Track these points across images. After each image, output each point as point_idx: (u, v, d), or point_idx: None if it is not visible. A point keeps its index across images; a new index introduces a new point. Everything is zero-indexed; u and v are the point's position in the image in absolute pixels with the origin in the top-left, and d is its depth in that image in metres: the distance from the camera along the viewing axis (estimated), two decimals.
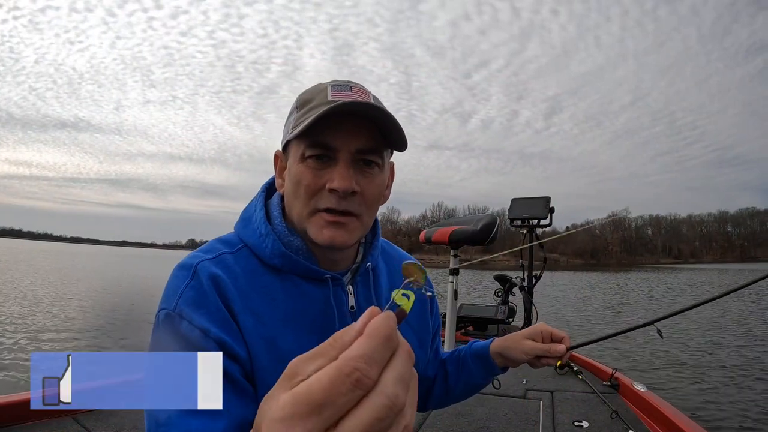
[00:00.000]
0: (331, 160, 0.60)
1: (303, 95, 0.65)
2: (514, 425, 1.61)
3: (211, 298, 0.57)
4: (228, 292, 0.58)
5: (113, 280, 18.39)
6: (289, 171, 0.63)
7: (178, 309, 0.56)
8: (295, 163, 0.61)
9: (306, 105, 0.62)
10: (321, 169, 0.60)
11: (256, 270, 0.62)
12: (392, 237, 21.13)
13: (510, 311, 3.45)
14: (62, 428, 1.32)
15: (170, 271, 0.61)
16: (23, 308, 9.08)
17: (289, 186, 0.63)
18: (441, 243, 2.13)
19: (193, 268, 0.59)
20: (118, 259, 47.44)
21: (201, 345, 0.55)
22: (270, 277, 0.62)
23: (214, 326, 0.56)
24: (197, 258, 0.60)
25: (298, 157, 0.61)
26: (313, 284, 0.64)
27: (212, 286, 0.58)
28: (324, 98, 0.61)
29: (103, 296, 12.58)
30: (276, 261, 0.62)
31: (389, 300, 0.29)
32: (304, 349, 0.63)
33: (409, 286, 0.32)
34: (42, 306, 9.50)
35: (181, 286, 0.58)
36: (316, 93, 0.63)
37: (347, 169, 0.60)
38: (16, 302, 9.83)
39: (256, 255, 0.63)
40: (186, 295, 0.57)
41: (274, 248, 0.62)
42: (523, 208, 3.36)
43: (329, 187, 0.59)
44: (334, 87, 0.62)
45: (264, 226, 0.64)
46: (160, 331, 0.57)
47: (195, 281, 0.58)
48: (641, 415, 1.65)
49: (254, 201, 0.68)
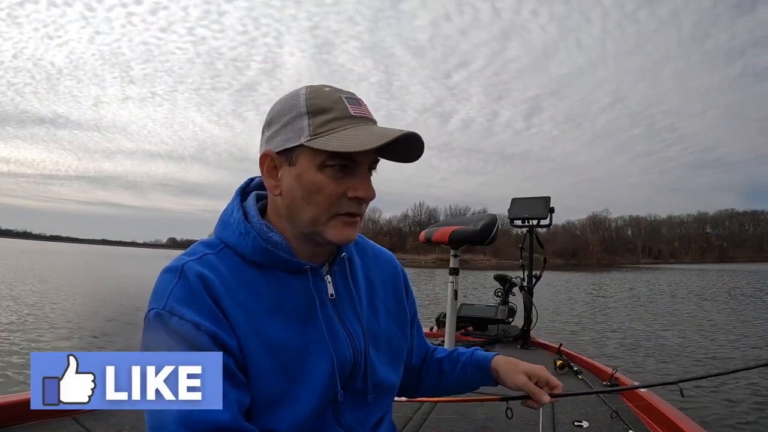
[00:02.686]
0: (349, 169, 0.63)
1: (313, 100, 0.64)
2: (514, 425, 1.61)
3: (200, 295, 0.60)
4: (215, 288, 0.61)
5: (104, 279, 18.37)
6: (300, 177, 0.63)
7: (168, 307, 0.59)
8: (311, 171, 0.63)
9: (322, 113, 0.62)
10: (340, 178, 0.63)
11: (240, 267, 0.65)
12: (374, 236, 21.88)
13: (510, 311, 3.45)
14: (62, 428, 1.32)
15: (156, 270, 0.64)
16: (19, 307, 9.08)
17: (299, 191, 0.64)
18: (441, 243, 2.14)
19: (180, 270, 0.61)
20: (101, 259, 46.64)
21: (193, 338, 0.58)
22: (253, 273, 0.65)
23: (205, 320, 0.58)
24: (182, 260, 0.63)
25: (315, 164, 0.62)
26: (294, 276, 0.67)
27: (200, 283, 0.60)
28: (345, 111, 0.63)
29: (95, 296, 12.56)
30: (257, 257, 0.65)
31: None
32: (289, 335, 0.65)
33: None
34: (34, 306, 9.50)
35: (170, 286, 0.60)
36: (331, 102, 0.63)
37: (368, 179, 0.65)
38: (9, 301, 9.84)
39: (238, 253, 0.66)
40: (175, 294, 0.59)
41: (254, 245, 0.65)
42: (523, 208, 3.36)
43: (353, 195, 0.64)
44: (349, 100, 0.64)
45: (243, 225, 0.66)
46: (150, 330, 0.59)
47: (182, 281, 0.60)
48: (641, 415, 1.65)
49: (231, 204, 0.71)
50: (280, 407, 0.62)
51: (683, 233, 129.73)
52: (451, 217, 3.35)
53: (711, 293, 18.40)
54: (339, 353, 0.67)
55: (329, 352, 0.65)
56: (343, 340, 0.68)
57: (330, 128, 0.62)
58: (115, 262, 37.57)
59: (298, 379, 0.63)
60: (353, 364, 0.68)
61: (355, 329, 0.70)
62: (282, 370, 0.62)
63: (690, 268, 65.53)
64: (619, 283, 25.89)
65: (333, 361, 0.65)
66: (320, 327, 0.66)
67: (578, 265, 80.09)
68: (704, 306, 13.59)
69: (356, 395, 0.70)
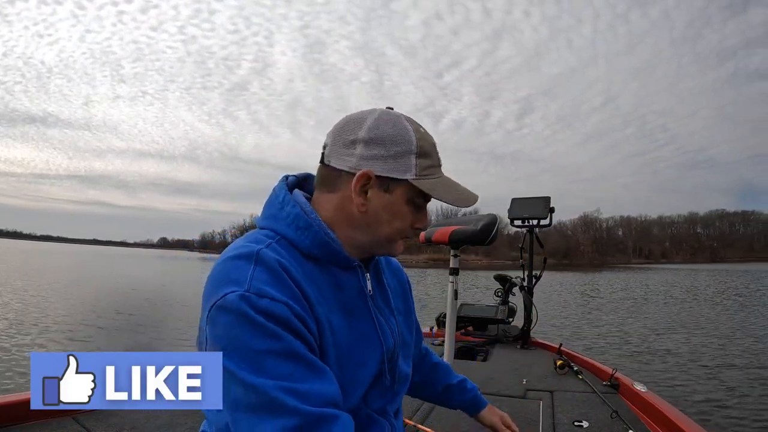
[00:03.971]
0: (422, 206, 0.74)
1: (420, 142, 0.70)
2: None
3: (283, 278, 0.61)
4: (294, 273, 0.63)
5: (104, 280, 18.36)
6: (391, 205, 0.70)
7: (254, 288, 0.58)
8: (400, 202, 0.71)
9: (426, 157, 0.71)
10: (416, 213, 0.73)
11: (299, 258, 0.68)
12: None
13: (510, 311, 3.45)
14: (62, 428, 1.32)
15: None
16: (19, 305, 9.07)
17: (384, 215, 0.71)
18: (441, 243, 2.13)
19: (255, 255, 0.62)
20: (98, 259, 46.39)
21: (287, 319, 0.58)
22: (310, 265, 0.68)
23: (293, 302, 0.60)
24: (253, 247, 0.64)
25: (405, 198, 0.70)
26: (346, 271, 0.72)
27: (280, 268, 0.62)
28: (437, 160, 0.73)
29: (95, 296, 12.56)
30: (315, 250, 0.68)
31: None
32: (348, 328, 0.70)
33: None
34: (35, 306, 9.49)
35: (248, 270, 0.60)
36: (430, 147, 0.72)
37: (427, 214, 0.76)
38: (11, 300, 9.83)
39: (294, 246, 0.68)
40: (258, 277, 0.60)
41: (315, 239, 0.68)
42: (524, 208, 3.35)
43: (418, 226, 0.74)
44: (437, 148, 0.74)
45: (303, 220, 0.69)
46: (233, 315, 0.57)
47: (262, 265, 0.61)
48: (641, 415, 1.65)
49: (280, 200, 0.72)
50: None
51: (674, 233, 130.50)
52: (443, 218, 3.34)
53: (710, 294, 18.40)
54: (387, 343, 0.74)
55: (380, 342, 0.72)
56: (387, 332, 0.75)
57: (430, 173, 0.71)
58: (114, 262, 37.30)
59: (352, 367, 0.68)
60: (393, 352, 0.75)
61: (392, 321, 0.78)
62: (340, 359, 0.66)
63: (681, 268, 65.81)
64: (612, 283, 25.85)
65: (383, 351, 0.72)
66: (370, 319, 0.73)
67: (570, 265, 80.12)
68: (703, 306, 13.59)
69: (386, 382, 0.76)
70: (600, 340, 7.61)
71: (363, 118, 0.70)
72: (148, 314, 9.60)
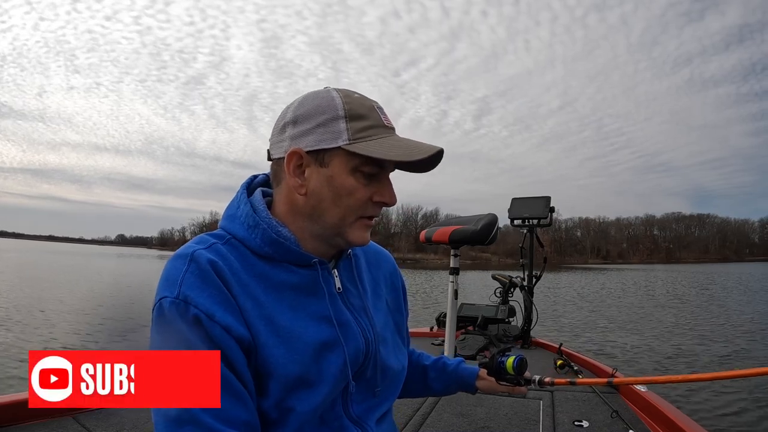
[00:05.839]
0: (375, 176, 0.67)
1: (350, 105, 0.65)
2: (514, 425, 1.61)
3: (212, 280, 0.60)
4: (226, 275, 0.62)
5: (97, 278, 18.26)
6: (331, 179, 0.65)
7: (183, 295, 0.58)
8: (342, 174, 0.65)
9: (360, 119, 0.65)
10: (369, 183, 0.67)
11: (248, 258, 0.66)
12: None
13: (510, 311, 3.44)
14: (62, 428, 1.32)
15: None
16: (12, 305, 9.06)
17: (328, 192, 0.66)
18: (441, 243, 2.13)
19: (190, 256, 0.62)
20: (76, 258, 44.79)
21: (208, 330, 0.58)
22: (261, 264, 0.66)
23: (219, 309, 0.59)
24: (191, 248, 0.63)
25: (347, 168, 0.65)
26: (302, 269, 0.68)
27: (211, 269, 0.61)
28: (379, 120, 0.67)
29: (94, 296, 12.55)
30: (266, 249, 0.66)
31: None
32: (300, 323, 0.66)
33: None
34: (33, 306, 9.49)
35: (181, 272, 0.60)
36: (366, 109, 0.66)
37: (392, 186, 0.69)
38: None
39: (245, 245, 0.67)
40: (187, 281, 0.59)
41: (264, 237, 0.66)
42: (523, 207, 3.36)
43: (379, 200, 0.68)
44: (379, 110, 0.68)
45: (252, 218, 0.67)
46: (165, 320, 0.59)
47: (193, 266, 0.61)
48: (641, 415, 1.65)
49: (237, 199, 0.71)
50: (297, 394, 0.63)
51: (631, 234, 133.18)
52: (444, 219, 3.34)
53: (710, 293, 18.39)
54: (350, 344, 0.68)
55: (340, 343, 0.67)
56: (355, 331, 0.70)
57: (367, 135, 0.65)
58: (87, 262, 36.05)
59: (313, 368, 0.64)
60: (365, 354, 0.70)
61: (364, 320, 0.72)
62: (296, 359, 0.63)
63: (638, 268, 66.34)
64: (570, 282, 25.67)
65: (344, 352, 0.67)
66: (330, 319, 0.67)
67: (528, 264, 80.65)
68: (700, 307, 13.59)
69: (366, 385, 0.72)
70: (599, 337, 7.61)
71: (292, 101, 0.69)
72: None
